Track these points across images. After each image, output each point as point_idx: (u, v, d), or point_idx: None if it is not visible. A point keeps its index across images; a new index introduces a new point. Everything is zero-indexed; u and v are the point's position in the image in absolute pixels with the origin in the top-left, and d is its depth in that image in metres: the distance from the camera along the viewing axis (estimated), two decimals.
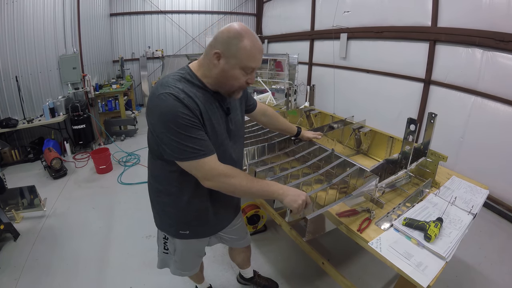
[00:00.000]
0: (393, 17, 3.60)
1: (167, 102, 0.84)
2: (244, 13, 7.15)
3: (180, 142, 0.85)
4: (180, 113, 0.84)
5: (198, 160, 0.87)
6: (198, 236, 1.16)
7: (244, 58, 0.87)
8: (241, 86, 0.95)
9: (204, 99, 0.92)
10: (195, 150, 0.86)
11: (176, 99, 0.84)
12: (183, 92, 0.87)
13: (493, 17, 2.53)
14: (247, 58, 0.88)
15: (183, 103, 0.85)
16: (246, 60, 0.88)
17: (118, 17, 6.01)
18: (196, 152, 0.86)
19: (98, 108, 4.63)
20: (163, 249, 1.25)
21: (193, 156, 0.87)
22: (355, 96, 4.39)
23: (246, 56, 0.87)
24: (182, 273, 1.32)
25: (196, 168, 0.89)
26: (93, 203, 2.79)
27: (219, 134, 0.98)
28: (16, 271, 1.93)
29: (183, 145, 0.85)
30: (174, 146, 0.86)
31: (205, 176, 0.90)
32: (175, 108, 0.84)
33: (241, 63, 0.88)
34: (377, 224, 1.15)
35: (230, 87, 0.94)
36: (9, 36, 3.46)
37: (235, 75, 0.90)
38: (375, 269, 1.89)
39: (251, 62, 0.89)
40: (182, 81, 0.91)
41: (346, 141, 2.00)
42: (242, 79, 0.92)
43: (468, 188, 1.42)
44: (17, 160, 3.69)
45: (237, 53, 0.87)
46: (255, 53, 0.88)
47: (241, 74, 0.90)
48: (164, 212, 1.10)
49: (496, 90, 2.60)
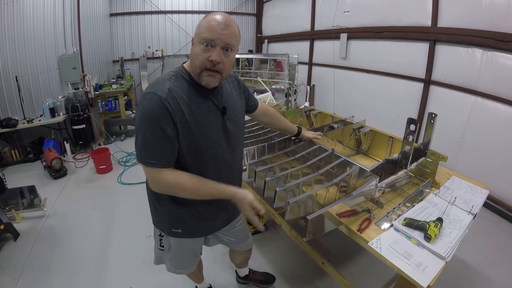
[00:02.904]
0: (393, 17, 3.59)
1: (148, 101, 0.87)
2: (244, 13, 7.15)
3: (142, 143, 0.89)
4: (154, 116, 0.86)
5: (147, 167, 0.91)
6: (191, 235, 1.17)
7: (201, 31, 0.87)
8: (203, 64, 0.88)
9: (193, 97, 0.92)
10: (148, 157, 0.89)
11: (158, 99, 0.86)
12: (169, 93, 0.87)
13: (493, 17, 2.53)
14: (203, 30, 0.86)
15: (164, 105, 0.86)
16: (202, 32, 0.86)
17: (118, 17, 6.00)
18: (147, 159, 0.89)
19: (98, 108, 4.62)
20: (159, 245, 1.26)
21: (144, 162, 0.90)
22: (355, 96, 4.39)
23: (203, 29, 0.87)
24: (177, 271, 1.32)
25: (145, 172, 0.94)
26: (93, 203, 2.79)
27: (209, 135, 0.97)
28: (16, 271, 1.93)
29: (141, 146, 0.89)
30: (138, 145, 0.90)
31: (150, 182, 0.96)
32: (152, 110, 0.86)
33: (199, 37, 0.87)
34: (377, 224, 1.15)
35: (195, 68, 0.91)
36: (9, 36, 3.46)
37: (196, 51, 0.88)
38: (375, 269, 1.89)
39: (205, 33, 0.86)
40: (173, 79, 0.92)
41: (346, 141, 2.00)
42: (202, 55, 0.87)
43: (468, 188, 1.42)
44: (17, 160, 3.69)
45: (197, 29, 0.89)
46: (212, 25, 0.86)
47: (201, 50, 0.87)
48: (158, 210, 1.11)
49: (496, 90, 2.60)
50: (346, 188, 1.30)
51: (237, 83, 1.14)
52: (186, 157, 0.95)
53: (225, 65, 0.90)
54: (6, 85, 3.55)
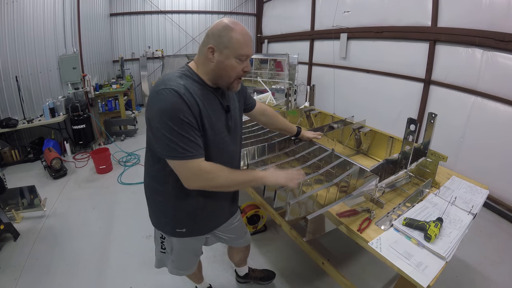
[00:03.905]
0: (393, 17, 3.59)
1: (167, 97, 0.85)
2: (244, 13, 7.15)
3: (171, 139, 0.85)
4: (178, 110, 0.85)
5: (186, 160, 0.88)
6: (194, 234, 1.17)
7: (236, 47, 0.91)
8: (238, 75, 0.96)
9: (204, 96, 0.94)
10: (184, 150, 0.86)
11: (177, 94, 0.86)
12: (184, 88, 0.89)
13: (493, 17, 2.53)
14: (240, 47, 0.91)
15: (183, 100, 0.86)
16: (239, 49, 0.91)
17: (118, 17, 6.01)
18: (184, 153, 0.87)
19: (98, 108, 4.62)
20: (160, 248, 1.26)
21: (181, 156, 0.87)
22: (355, 96, 4.39)
23: (238, 44, 0.91)
24: (180, 272, 1.33)
25: (182, 168, 0.90)
26: (93, 203, 2.79)
27: (218, 131, 1.00)
28: (16, 271, 1.93)
29: (173, 143, 0.86)
30: (165, 143, 0.86)
31: (189, 177, 0.91)
32: (174, 104, 0.85)
33: (235, 52, 0.91)
34: (377, 224, 1.15)
35: (228, 78, 0.96)
36: (9, 36, 3.46)
37: (231, 64, 0.93)
38: (375, 269, 1.89)
39: (244, 49, 0.92)
40: (183, 77, 0.94)
41: (346, 141, 2.00)
42: (238, 67, 0.94)
43: (468, 188, 1.42)
44: (17, 160, 3.68)
45: (228, 43, 0.90)
46: (246, 40, 0.92)
47: (236, 63, 0.93)
48: (160, 211, 1.11)
49: (496, 90, 2.60)
50: (346, 188, 1.30)
51: None
52: None
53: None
54: (6, 85, 3.55)
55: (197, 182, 0.93)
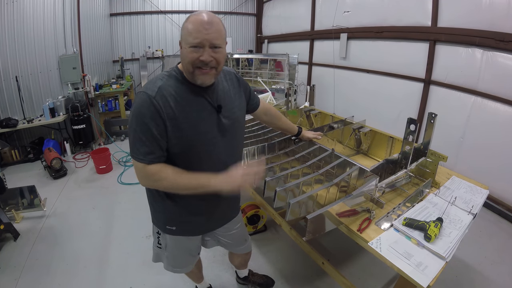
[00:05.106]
0: (393, 17, 3.59)
1: (138, 100, 0.91)
2: (244, 13, 7.14)
3: (133, 140, 0.92)
4: (143, 114, 0.89)
5: (136, 162, 0.93)
6: (186, 233, 1.17)
7: (186, 35, 0.89)
8: (194, 64, 0.90)
9: (184, 95, 0.94)
10: (138, 153, 0.92)
11: (147, 99, 0.89)
12: (158, 91, 0.90)
13: (493, 17, 2.53)
14: (188, 34, 0.88)
15: (152, 103, 0.89)
16: (188, 36, 0.88)
17: (118, 17, 6.00)
18: (138, 155, 0.92)
19: (98, 108, 4.63)
20: (157, 243, 1.27)
21: (135, 157, 0.93)
22: (355, 96, 4.39)
23: (188, 32, 0.88)
24: (174, 270, 1.32)
25: (134, 167, 0.96)
26: (93, 203, 2.79)
27: (202, 131, 0.97)
28: (16, 271, 1.93)
29: (132, 143, 0.93)
30: (130, 142, 0.94)
31: (139, 177, 0.97)
32: (141, 108, 0.90)
33: (186, 40, 0.89)
34: (377, 224, 1.15)
35: (187, 68, 0.92)
36: (9, 36, 3.46)
37: (185, 53, 0.90)
38: (375, 269, 1.89)
39: (192, 36, 0.87)
40: (165, 79, 0.95)
41: (346, 141, 2.00)
42: (192, 56, 0.88)
43: (468, 188, 1.42)
44: (17, 160, 3.68)
45: (182, 34, 0.91)
46: (196, 28, 0.87)
47: (191, 51, 0.88)
48: (154, 207, 1.14)
49: (496, 90, 2.60)
50: (346, 188, 1.30)
51: (236, 81, 1.14)
52: (178, 154, 0.96)
53: (218, 60, 0.92)
54: (6, 85, 3.55)
55: (146, 182, 0.97)
